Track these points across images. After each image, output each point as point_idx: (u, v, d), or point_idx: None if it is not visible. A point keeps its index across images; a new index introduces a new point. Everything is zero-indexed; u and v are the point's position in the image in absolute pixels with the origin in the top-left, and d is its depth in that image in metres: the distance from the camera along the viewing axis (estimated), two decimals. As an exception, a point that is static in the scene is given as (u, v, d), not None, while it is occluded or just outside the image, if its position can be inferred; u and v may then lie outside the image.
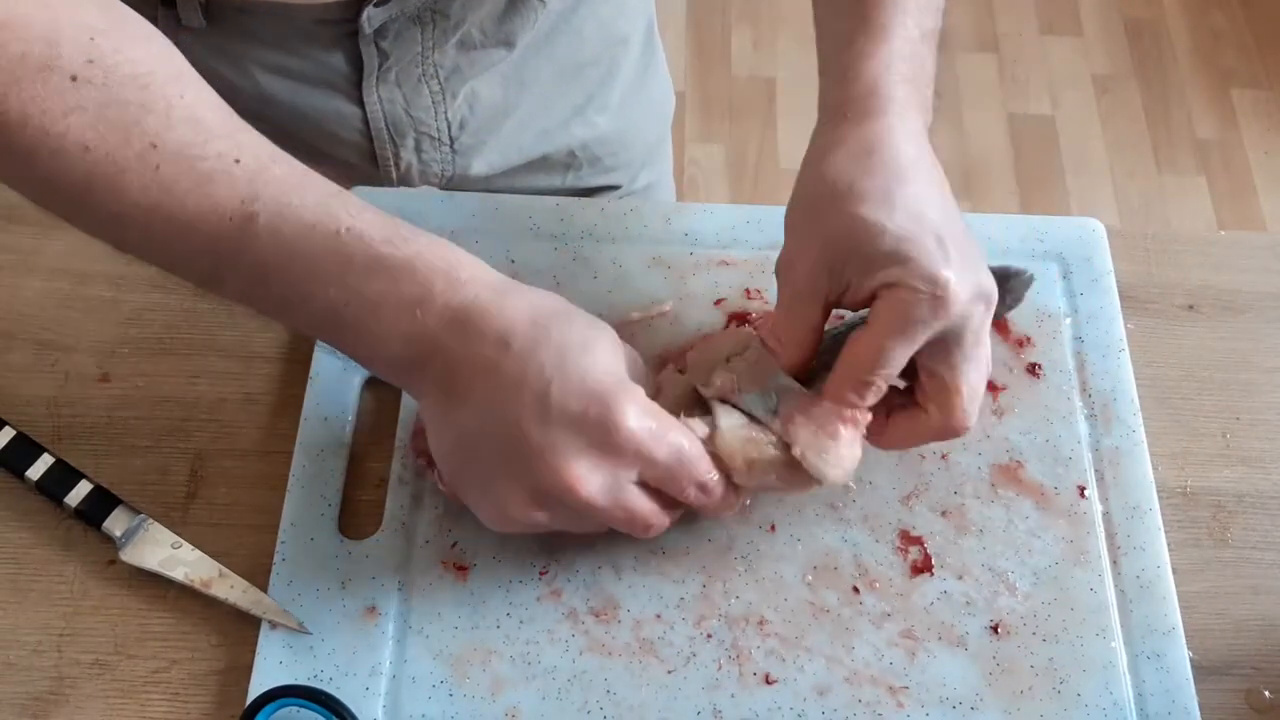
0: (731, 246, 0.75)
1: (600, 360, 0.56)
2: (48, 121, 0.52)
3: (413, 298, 0.55)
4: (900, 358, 0.58)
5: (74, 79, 0.52)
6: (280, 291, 0.56)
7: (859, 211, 0.57)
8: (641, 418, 0.55)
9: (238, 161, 0.54)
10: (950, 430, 0.60)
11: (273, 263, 0.55)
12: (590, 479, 0.55)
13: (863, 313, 0.60)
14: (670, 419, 0.57)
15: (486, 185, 0.91)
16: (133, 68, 0.54)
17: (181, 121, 0.54)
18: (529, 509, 0.57)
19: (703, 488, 0.58)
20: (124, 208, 0.54)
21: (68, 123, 0.52)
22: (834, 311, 0.61)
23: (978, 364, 0.59)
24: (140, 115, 0.53)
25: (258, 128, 0.82)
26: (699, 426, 0.59)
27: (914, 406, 0.61)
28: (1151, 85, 2.15)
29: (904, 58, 0.61)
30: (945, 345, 0.58)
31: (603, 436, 0.55)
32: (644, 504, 0.57)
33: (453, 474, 0.60)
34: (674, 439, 0.56)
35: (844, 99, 0.61)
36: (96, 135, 0.53)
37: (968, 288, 0.57)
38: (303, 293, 0.55)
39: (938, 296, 0.56)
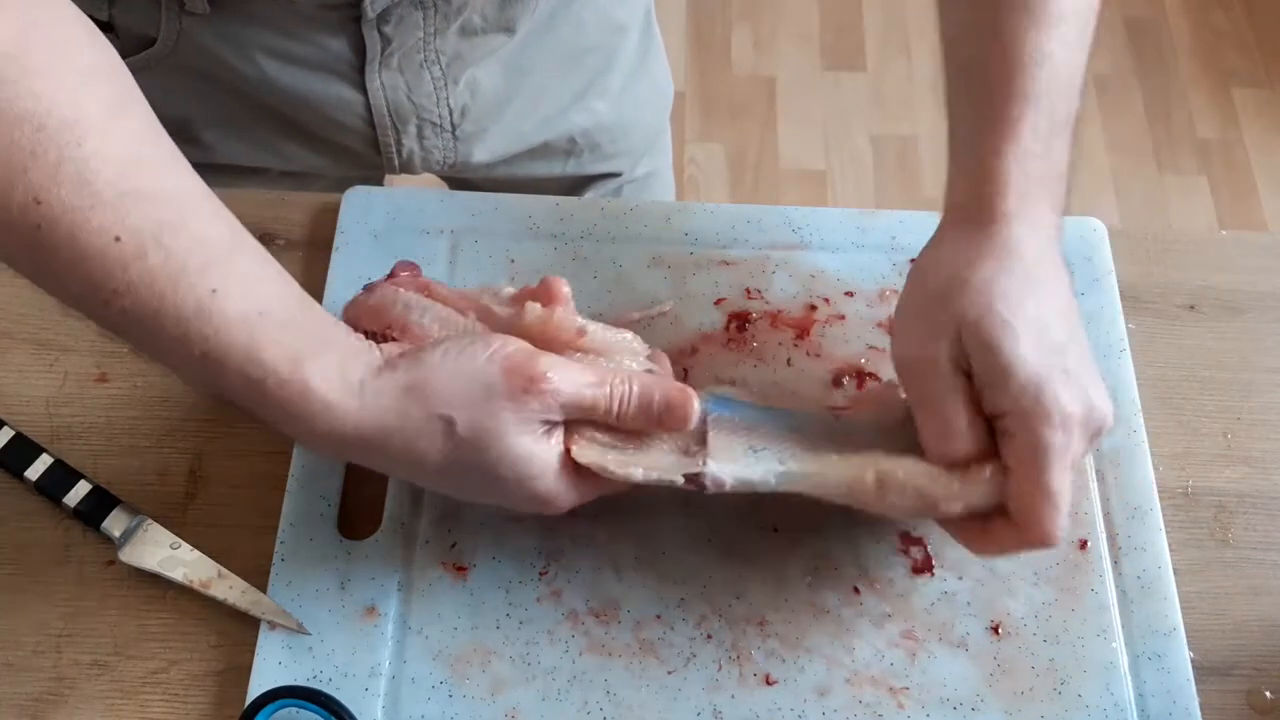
0: (731, 246, 0.75)
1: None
2: None
3: (298, 425, 0.55)
4: (1061, 491, 0.56)
5: None
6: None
7: (996, 306, 0.57)
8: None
9: (117, 240, 0.51)
10: (1038, 543, 0.57)
11: (148, 356, 0.56)
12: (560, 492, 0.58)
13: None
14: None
15: (488, 173, 0.91)
16: (32, 103, 0.50)
17: (70, 179, 0.50)
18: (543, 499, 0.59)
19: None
20: (6, 259, 0.53)
21: None
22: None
23: (1066, 480, 0.57)
24: (29, 163, 0.50)
25: (262, 114, 0.83)
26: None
27: (1004, 518, 0.59)
28: (1152, 85, 2.14)
29: (1036, 155, 0.60)
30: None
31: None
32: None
33: (463, 497, 0.62)
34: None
35: (975, 196, 0.61)
36: None
37: (1082, 417, 0.57)
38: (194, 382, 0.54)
39: (1067, 432, 0.56)
